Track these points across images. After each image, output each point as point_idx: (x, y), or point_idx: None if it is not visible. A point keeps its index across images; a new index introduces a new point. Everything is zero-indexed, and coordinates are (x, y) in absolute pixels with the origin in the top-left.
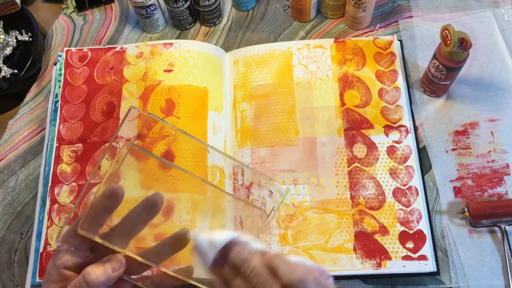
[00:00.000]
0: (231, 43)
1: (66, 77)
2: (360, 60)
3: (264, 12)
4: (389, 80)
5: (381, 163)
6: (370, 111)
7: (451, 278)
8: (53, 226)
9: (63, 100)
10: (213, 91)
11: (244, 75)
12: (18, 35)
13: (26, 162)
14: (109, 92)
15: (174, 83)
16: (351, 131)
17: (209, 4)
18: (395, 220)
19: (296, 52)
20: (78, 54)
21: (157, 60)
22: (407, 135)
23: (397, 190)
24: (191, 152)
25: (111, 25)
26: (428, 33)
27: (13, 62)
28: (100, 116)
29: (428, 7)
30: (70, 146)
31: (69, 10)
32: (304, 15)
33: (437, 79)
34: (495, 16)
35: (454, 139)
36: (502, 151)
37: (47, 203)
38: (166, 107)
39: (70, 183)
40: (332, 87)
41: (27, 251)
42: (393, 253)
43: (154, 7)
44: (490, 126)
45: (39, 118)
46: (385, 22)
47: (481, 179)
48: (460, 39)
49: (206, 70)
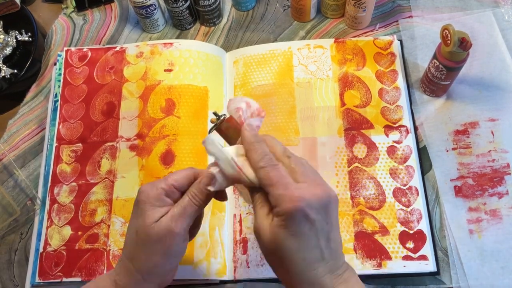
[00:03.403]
0: (231, 43)
1: (66, 77)
2: (360, 60)
3: (264, 12)
4: (389, 80)
5: (381, 163)
6: (370, 111)
7: (451, 278)
8: (53, 226)
9: (63, 100)
10: (213, 91)
11: (244, 75)
12: (18, 35)
13: (26, 162)
14: (109, 92)
15: (174, 82)
16: (351, 131)
17: (209, 4)
18: (395, 220)
19: (296, 52)
20: (78, 53)
21: (157, 59)
22: (407, 135)
23: (397, 190)
24: (191, 152)
25: (111, 25)
26: (428, 33)
27: (13, 62)
28: (100, 115)
29: (428, 7)
30: (70, 146)
31: (69, 10)
32: (304, 15)
33: (437, 79)
34: (495, 16)
35: (455, 138)
36: (502, 151)
37: (47, 203)
38: (166, 106)
39: (70, 183)
40: (332, 87)
41: (27, 251)
42: (393, 253)
43: (154, 7)
44: (490, 125)
45: (39, 118)
46: (385, 22)
47: (482, 179)
48: (460, 39)
49: (207, 70)
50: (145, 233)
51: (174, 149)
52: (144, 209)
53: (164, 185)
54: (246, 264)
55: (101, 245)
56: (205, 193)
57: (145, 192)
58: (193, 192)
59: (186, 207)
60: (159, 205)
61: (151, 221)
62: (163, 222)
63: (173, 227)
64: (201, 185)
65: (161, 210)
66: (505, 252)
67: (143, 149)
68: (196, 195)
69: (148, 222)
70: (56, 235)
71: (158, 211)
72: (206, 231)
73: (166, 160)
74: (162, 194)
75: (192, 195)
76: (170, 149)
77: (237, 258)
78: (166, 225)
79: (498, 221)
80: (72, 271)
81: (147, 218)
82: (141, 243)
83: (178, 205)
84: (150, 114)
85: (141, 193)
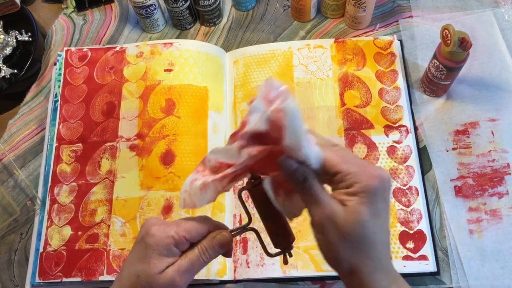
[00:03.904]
0: (231, 43)
1: (66, 76)
2: (360, 60)
3: (264, 12)
4: (389, 80)
5: (381, 163)
6: (370, 111)
7: (451, 278)
8: (53, 226)
9: (63, 99)
10: (213, 91)
11: (244, 75)
12: (18, 35)
13: (26, 162)
14: (109, 92)
15: (174, 82)
16: (351, 131)
17: (209, 4)
18: (396, 220)
19: (296, 52)
20: (78, 53)
21: (157, 59)
22: (407, 135)
23: (398, 190)
24: (191, 152)
25: (111, 25)
26: (428, 33)
27: (13, 62)
28: (100, 115)
29: (428, 7)
30: (70, 146)
31: (69, 10)
32: (304, 15)
33: (437, 79)
34: (495, 16)
35: (455, 138)
36: (502, 151)
37: (47, 203)
38: (166, 106)
39: (70, 183)
40: (332, 87)
41: (27, 251)
42: (393, 253)
43: (154, 7)
44: (491, 125)
45: (39, 118)
46: (385, 22)
47: (482, 179)
48: (460, 39)
49: (207, 70)
50: (148, 281)
51: (174, 149)
52: (150, 256)
53: (175, 234)
54: (246, 264)
55: (101, 245)
56: (217, 250)
57: (155, 238)
58: (204, 248)
59: (194, 262)
60: (167, 255)
61: (156, 270)
62: (169, 274)
63: (178, 281)
64: (214, 242)
65: (168, 261)
66: (505, 252)
67: (143, 149)
68: (206, 251)
69: (153, 271)
70: (56, 235)
71: (165, 261)
72: None
73: (166, 160)
74: (171, 244)
75: (203, 250)
76: (170, 149)
77: (237, 258)
78: (171, 278)
79: (498, 221)
80: (72, 271)
81: (153, 266)
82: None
83: (186, 258)
84: (150, 114)
85: (150, 236)
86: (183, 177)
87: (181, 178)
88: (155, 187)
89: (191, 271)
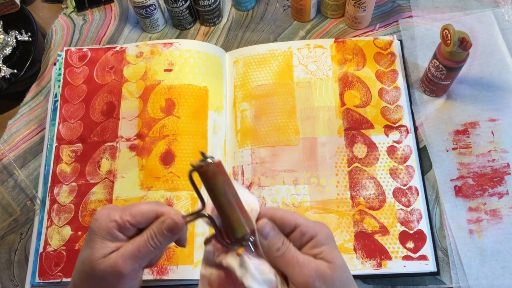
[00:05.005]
0: (231, 43)
1: (66, 76)
2: (360, 60)
3: (264, 12)
4: (389, 80)
5: (381, 163)
6: (370, 111)
7: (451, 278)
8: (52, 226)
9: (63, 99)
10: (213, 91)
11: (244, 75)
12: (17, 35)
13: (26, 162)
14: (109, 92)
15: (174, 82)
16: (351, 131)
17: (209, 4)
18: (395, 220)
19: (296, 52)
20: (77, 53)
21: (157, 59)
22: (407, 135)
23: (397, 190)
24: (191, 152)
25: (110, 25)
26: (428, 33)
27: (12, 62)
28: (100, 115)
29: (428, 7)
30: (70, 146)
31: (68, 10)
32: (304, 15)
33: (437, 79)
34: (495, 16)
35: (455, 138)
36: (502, 151)
37: (46, 203)
38: (166, 106)
39: (70, 183)
40: (332, 87)
41: (27, 251)
42: (393, 253)
43: (153, 7)
44: (491, 125)
45: (39, 118)
46: (385, 22)
47: (482, 179)
48: (460, 39)
49: (206, 69)
50: (90, 267)
51: (174, 149)
52: (93, 240)
53: (119, 218)
54: None
55: None
56: (166, 236)
57: (98, 222)
58: (153, 232)
59: (141, 247)
60: (110, 239)
61: (98, 255)
62: (111, 259)
63: (121, 267)
64: (163, 226)
65: (111, 246)
66: (505, 252)
67: (143, 149)
68: (155, 236)
69: (95, 255)
70: (56, 235)
71: (108, 246)
72: (206, 231)
73: (166, 160)
74: (113, 228)
75: (151, 235)
76: (170, 149)
77: None
78: (113, 264)
79: (498, 221)
80: (72, 271)
81: (95, 251)
82: (85, 276)
83: (132, 243)
84: (150, 114)
85: (94, 220)
86: (183, 177)
87: (181, 178)
88: (155, 187)
89: (137, 257)
